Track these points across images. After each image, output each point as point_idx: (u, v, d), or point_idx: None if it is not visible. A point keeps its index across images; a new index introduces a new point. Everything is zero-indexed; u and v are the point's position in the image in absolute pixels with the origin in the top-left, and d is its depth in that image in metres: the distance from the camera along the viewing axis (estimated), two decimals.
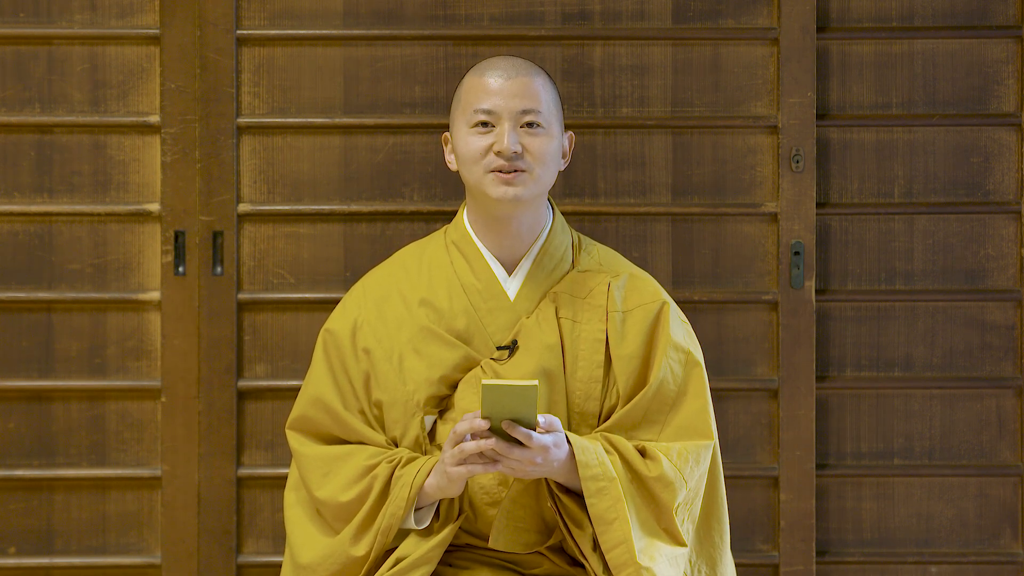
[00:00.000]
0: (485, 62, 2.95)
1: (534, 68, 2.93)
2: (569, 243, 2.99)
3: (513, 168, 2.86)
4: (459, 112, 2.92)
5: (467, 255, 2.95)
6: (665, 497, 2.82)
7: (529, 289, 2.93)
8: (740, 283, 3.61)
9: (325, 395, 2.93)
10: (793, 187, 3.58)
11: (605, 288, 2.92)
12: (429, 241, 3.04)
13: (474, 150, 2.88)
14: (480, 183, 2.88)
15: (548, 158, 2.89)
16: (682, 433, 2.88)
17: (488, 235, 2.94)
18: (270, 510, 3.58)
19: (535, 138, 2.87)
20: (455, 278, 2.94)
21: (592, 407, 2.89)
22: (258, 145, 3.59)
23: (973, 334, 3.64)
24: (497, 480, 2.86)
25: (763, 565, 3.61)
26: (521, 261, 2.95)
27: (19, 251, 3.58)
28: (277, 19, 3.58)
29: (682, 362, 2.90)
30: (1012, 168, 3.63)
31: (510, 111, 2.87)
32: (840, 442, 3.64)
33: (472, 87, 2.91)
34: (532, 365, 2.87)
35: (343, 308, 2.99)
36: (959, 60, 3.61)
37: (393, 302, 2.95)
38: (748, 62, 3.60)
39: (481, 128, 2.88)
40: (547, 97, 2.90)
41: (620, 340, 2.90)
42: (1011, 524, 3.65)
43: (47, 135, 3.58)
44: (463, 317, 2.91)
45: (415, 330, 2.91)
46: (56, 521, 3.60)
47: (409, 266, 2.99)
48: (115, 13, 3.57)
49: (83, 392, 3.58)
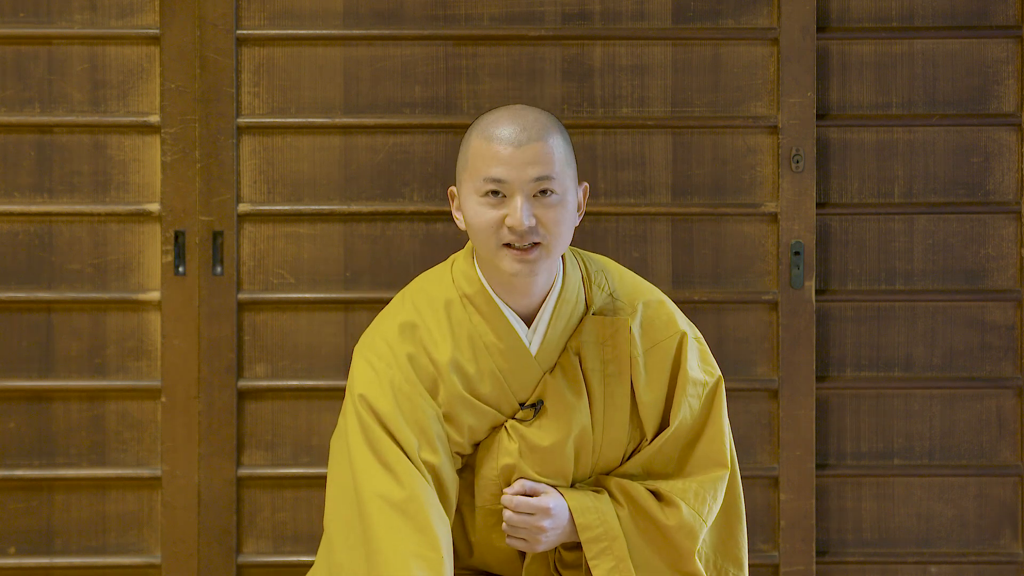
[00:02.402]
0: (492, 120, 2.71)
1: (544, 126, 2.70)
2: (579, 279, 2.82)
3: (528, 243, 2.69)
4: (466, 176, 2.71)
5: (485, 313, 2.77)
6: (687, 545, 2.76)
7: (550, 342, 2.78)
8: (740, 283, 3.61)
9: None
10: (793, 187, 3.58)
11: (627, 331, 2.79)
12: (439, 286, 2.83)
13: (485, 223, 2.68)
14: (494, 257, 2.70)
15: (563, 228, 2.70)
16: (699, 465, 2.82)
17: (504, 292, 2.77)
18: (270, 510, 3.59)
19: (549, 209, 2.67)
20: (477, 337, 2.76)
21: (616, 455, 2.81)
22: (258, 145, 3.59)
23: (973, 334, 3.64)
24: None
25: (763, 565, 3.61)
26: (539, 313, 2.78)
27: (19, 251, 3.58)
28: (277, 19, 3.58)
29: (699, 395, 2.82)
30: (1012, 168, 3.63)
31: (522, 181, 2.66)
32: (840, 442, 3.64)
33: (480, 153, 2.68)
34: (564, 430, 2.76)
35: (372, 369, 2.76)
36: (959, 60, 3.62)
37: (422, 362, 2.76)
38: (748, 62, 3.60)
39: (492, 197, 2.67)
40: (560, 157, 2.69)
41: (644, 385, 2.79)
42: (1011, 524, 3.65)
43: (47, 135, 3.58)
44: (489, 380, 2.76)
45: (448, 396, 2.75)
46: (56, 521, 3.60)
47: (427, 318, 2.79)
48: (115, 13, 3.57)
49: (83, 392, 3.58)
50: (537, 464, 2.75)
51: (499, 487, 2.76)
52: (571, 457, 2.76)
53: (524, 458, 2.75)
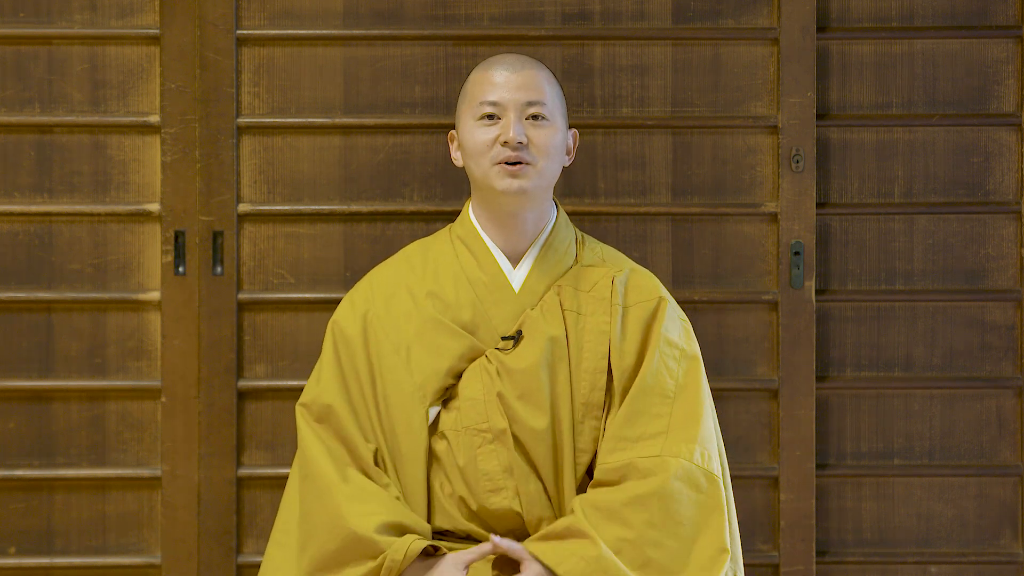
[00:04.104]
0: (490, 59, 3.01)
1: (539, 64, 2.99)
2: (572, 239, 3.04)
3: (518, 160, 2.91)
4: (465, 106, 2.97)
5: (473, 249, 2.99)
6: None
7: (533, 281, 2.98)
8: (740, 283, 3.61)
9: (332, 398, 2.97)
10: (793, 187, 3.58)
11: (609, 282, 2.96)
12: (434, 239, 3.09)
13: (480, 142, 2.93)
14: (486, 175, 2.93)
15: (552, 150, 2.94)
16: (679, 425, 2.90)
17: (493, 229, 2.99)
18: (270, 510, 3.58)
19: (540, 130, 2.93)
20: (461, 272, 2.98)
21: (597, 398, 2.91)
22: (258, 145, 3.58)
23: (973, 334, 3.64)
24: (501, 467, 2.88)
25: (763, 565, 3.61)
26: (526, 254, 3.00)
27: (19, 251, 3.58)
28: (277, 19, 3.58)
29: (677, 358, 2.93)
30: (1012, 168, 3.63)
31: (515, 102, 2.92)
32: (840, 442, 3.64)
33: (478, 81, 2.96)
34: (537, 355, 2.90)
35: (351, 303, 3.03)
36: (959, 60, 3.61)
37: (400, 297, 2.99)
38: (748, 62, 3.60)
39: (487, 120, 2.93)
40: (551, 91, 2.96)
41: (621, 335, 2.93)
42: (1011, 524, 3.65)
43: (47, 135, 3.58)
44: (469, 309, 2.96)
45: (422, 321, 2.96)
46: (56, 521, 3.60)
47: (415, 262, 3.04)
48: (115, 13, 3.57)
49: (83, 392, 3.58)
50: (513, 385, 2.90)
51: (483, 406, 2.90)
52: (546, 381, 2.90)
53: (502, 379, 2.90)
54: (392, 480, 2.91)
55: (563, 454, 2.90)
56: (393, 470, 2.92)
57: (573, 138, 3.04)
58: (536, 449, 2.90)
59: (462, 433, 2.91)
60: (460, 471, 2.91)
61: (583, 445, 2.91)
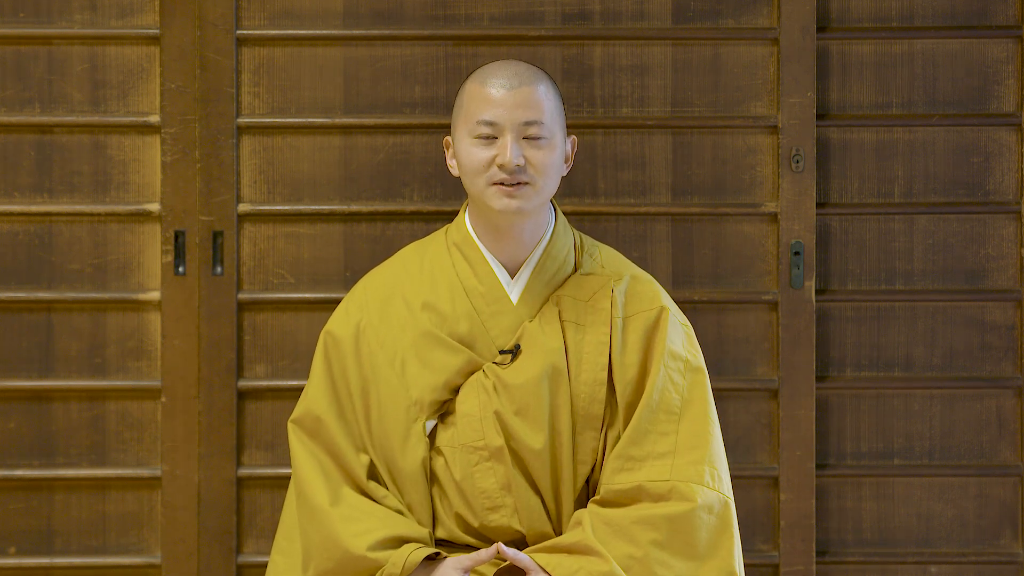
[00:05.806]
0: (487, 68, 2.91)
1: (536, 75, 2.89)
2: (571, 245, 2.98)
3: (516, 181, 2.84)
4: (461, 120, 2.89)
5: (469, 258, 2.94)
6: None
7: (532, 293, 2.93)
8: (740, 283, 3.61)
9: (322, 411, 2.93)
10: (793, 187, 3.58)
11: (608, 292, 2.92)
12: (430, 242, 3.04)
13: (476, 162, 2.85)
14: (483, 195, 2.87)
15: (551, 170, 2.87)
16: (687, 444, 2.87)
17: (490, 239, 2.93)
18: (270, 510, 3.59)
19: (538, 151, 2.85)
20: (457, 281, 2.93)
21: (596, 410, 2.88)
22: (258, 145, 3.59)
23: (973, 334, 3.64)
24: (499, 484, 2.86)
25: (763, 565, 3.61)
26: (523, 265, 2.94)
27: (19, 251, 3.58)
28: (277, 19, 3.58)
29: (682, 371, 2.89)
30: (1012, 168, 3.63)
31: (512, 122, 2.84)
32: (840, 442, 3.64)
33: (474, 96, 2.87)
34: (536, 368, 2.86)
35: (345, 311, 2.98)
36: (959, 60, 3.62)
37: (396, 304, 2.94)
38: (748, 62, 3.60)
39: (483, 140, 2.85)
40: (550, 105, 2.87)
41: (621, 347, 2.89)
42: (1011, 524, 3.65)
43: (47, 135, 3.58)
44: (466, 321, 2.91)
45: (418, 334, 2.91)
46: (56, 521, 3.60)
47: (411, 267, 2.99)
48: (115, 13, 3.57)
49: (83, 392, 3.58)
50: (510, 401, 2.86)
51: (479, 423, 2.86)
52: (545, 396, 2.85)
53: (499, 394, 2.86)
54: (392, 492, 2.90)
55: (562, 468, 2.87)
56: (392, 484, 2.90)
57: (572, 145, 2.96)
58: (534, 464, 2.87)
59: (458, 450, 2.88)
60: (457, 487, 2.88)
61: (582, 457, 2.89)
